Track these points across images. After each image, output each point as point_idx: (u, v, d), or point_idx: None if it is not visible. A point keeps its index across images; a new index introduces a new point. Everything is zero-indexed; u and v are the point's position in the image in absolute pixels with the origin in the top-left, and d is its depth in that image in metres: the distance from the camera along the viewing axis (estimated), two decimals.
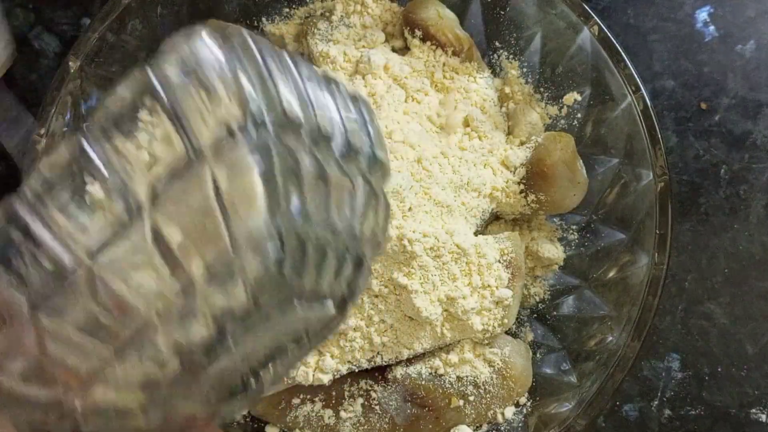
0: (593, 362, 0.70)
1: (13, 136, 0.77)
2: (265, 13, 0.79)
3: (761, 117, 0.83)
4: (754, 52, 0.84)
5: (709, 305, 0.81)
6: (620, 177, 0.72)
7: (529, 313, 0.77)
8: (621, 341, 0.68)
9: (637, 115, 0.70)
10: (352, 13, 0.76)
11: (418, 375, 0.71)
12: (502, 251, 0.70)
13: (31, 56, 0.85)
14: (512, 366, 0.71)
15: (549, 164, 0.71)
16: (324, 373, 0.69)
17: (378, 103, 0.71)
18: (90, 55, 0.72)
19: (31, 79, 0.85)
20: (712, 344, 0.81)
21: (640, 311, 0.68)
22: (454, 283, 0.68)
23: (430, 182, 0.68)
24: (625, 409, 0.80)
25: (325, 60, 0.74)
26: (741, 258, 0.82)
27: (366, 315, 0.68)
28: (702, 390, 0.80)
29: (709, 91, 0.84)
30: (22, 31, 0.85)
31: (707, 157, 0.83)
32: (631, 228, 0.71)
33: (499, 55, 0.78)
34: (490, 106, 0.75)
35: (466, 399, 0.71)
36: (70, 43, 0.84)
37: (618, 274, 0.72)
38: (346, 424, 0.71)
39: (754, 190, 0.82)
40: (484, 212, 0.73)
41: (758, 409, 0.80)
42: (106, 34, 0.72)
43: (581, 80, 0.74)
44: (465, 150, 0.72)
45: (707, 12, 0.85)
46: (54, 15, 0.85)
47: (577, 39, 0.72)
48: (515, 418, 0.72)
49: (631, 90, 0.70)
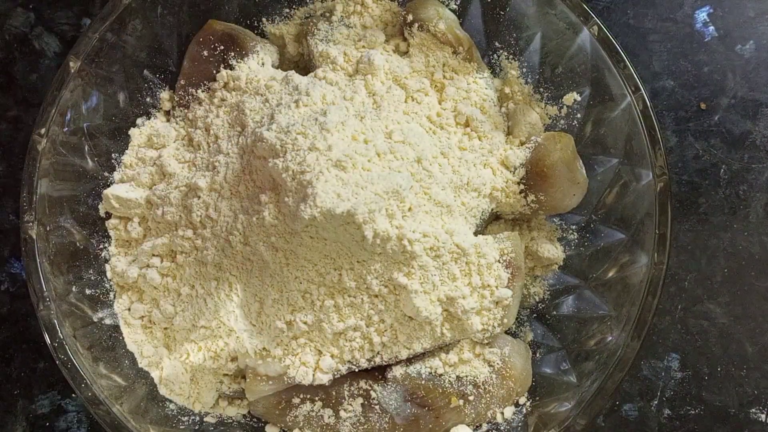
0: (593, 362, 0.70)
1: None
2: (265, 13, 0.79)
3: (761, 117, 0.83)
4: (754, 53, 0.84)
5: (708, 305, 0.81)
6: (620, 177, 0.72)
7: (528, 312, 0.77)
8: (620, 341, 0.68)
9: (637, 115, 0.70)
10: (352, 13, 0.76)
11: (418, 375, 0.71)
12: (501, 251, 0.70)
13: (31, 56, 0.85)
14: (512, 366, 0.71)
15: (549, 164, 0.72)
16: (324, 372, 0.69)
17: (378, 103, 0.71)
18: (90, 55, 0.72)
19: (31, 79, 0.85)
20: (711, 344, 0.81)
21: (639, 311, 0.68)
22: (453, 283, 0.68)
23: (430, 182, 0.69)
24: (624, 409, 0.80)
25: (325, 60, 0.74)
26: (740, 258, 0.82)
27: (366, 315, 0.68)
28: (701, 389, 0.80)
29: (708, 91, 0.84)
30: (22, 31, 0.85)
31: (707, 157, 0.83)
32: (631, 228, 0.71)
33: (499, 55, 0.78)
34: (489, 106, 0.75)
35: (466, 399, 0.71)
36: (70, 43, 0.85)
37: (618, 273, 0.72)
38: (345, 423, 0.71)
39: (753, 190, 0.83)
40: (484, 212, 0.73)
41: (758, 408, 0.80)
42: (107, 34, 0.72)
43: (581, 80, 0.74)
44: (465, 150, 0.72)
45: (707, 12, 0.85)
46: (54, 15, 0.86)
47: (576, 39, 0.72)
48: (515, 417, 0.72)
49: (631, 90, 0.70)
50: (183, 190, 0.72)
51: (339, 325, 0.68)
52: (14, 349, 0.82)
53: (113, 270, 0.74)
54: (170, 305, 0.72)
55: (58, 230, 0.71)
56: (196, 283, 0.71)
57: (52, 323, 0.68)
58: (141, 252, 0.73)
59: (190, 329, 0.71)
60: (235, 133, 0.72)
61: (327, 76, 0.73)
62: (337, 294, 0.68)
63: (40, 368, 0.81)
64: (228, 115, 0.73)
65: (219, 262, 0.70)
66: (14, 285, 0.83)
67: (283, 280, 0.68)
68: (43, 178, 0.70)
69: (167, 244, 0.72)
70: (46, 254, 0.70)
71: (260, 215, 0.66)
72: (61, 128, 0.71)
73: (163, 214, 0.72)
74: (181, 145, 0.75)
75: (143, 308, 0.73)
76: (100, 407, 0.67)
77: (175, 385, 0.72)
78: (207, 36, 0.75)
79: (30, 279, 0.69)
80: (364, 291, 0.68)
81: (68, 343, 0.68)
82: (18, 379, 0.81)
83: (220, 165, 0.70)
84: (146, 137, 0.76)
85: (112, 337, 0.73)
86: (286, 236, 0.66)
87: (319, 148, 0.64)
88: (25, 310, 0.82)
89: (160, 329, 0.73)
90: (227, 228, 0.69)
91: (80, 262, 0.73)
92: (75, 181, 0.73)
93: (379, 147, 0.66)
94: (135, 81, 0.76)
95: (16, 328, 0.82)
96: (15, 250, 0.83)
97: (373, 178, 0.64)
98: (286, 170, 0.64)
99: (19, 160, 0.83)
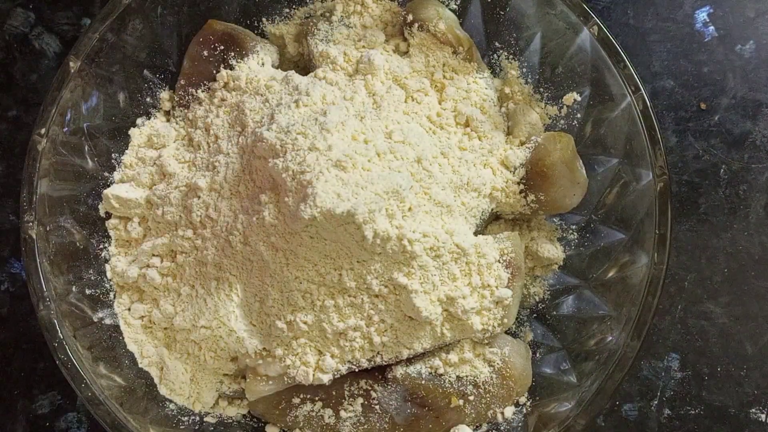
0: (593, 362, 0.70)
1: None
2: (265, 13, 0.79)
3: (761, 117, 0.83)
4: (754, 53, 0.84)
5: (708, 305, 0.81)
6: (620, 177, 0.72)
7: (528, 312, 0.77)
8: (620, 341, 0.68)
9: (637, 115, 0.70)
10: (352, 13, 0.76)
11: (418, 375, 0.71)
12: (501, 251, 0.70)
13: (31, 56, 0.85)
14: (512, 366, 0.71)
15: (548, 164, 0.72)
16: (324, 372, 0.69)
17: (378, 103, 0.71)
18: (90, 55, 0.72)
19: (31, 79, 0.85)
20: (711, 344, 0.81)
21: (639, 311, 0.68)
22: (453, 283, 0.68)
23: (430, 182, 0.69)
24: (624, 409, 0.80)
25: (325, 60, 0.74)
26: (740, 258, 0.82)
27: (366, 315, 0.68)
28: (701, 389, 0.80)
29: (708, 91, 0.84)
30: (22, 31, 0.85)
31: (707, 157, 0.83)
32: (631, 228, 0.71)
33: (499, 55, 0.78)
34: (489, 106, 0.75)
35: (466, 398, 0.71)
36: (70, 43, 0.85)
37: (617, 273, 0.72)
38: (346, 423, 0.71)
39: (753, 190, 0.83)
40: (484, 212, 0.73)
41: (758, 408, 0.80)
42: (107, 35, 0.72)
43: (581, 80, 0.74)
44: (465, 150, 0.72)
45: (707, 12, 0.85)
46: (54, 15, 0.86)
47: (576, 39, 0.72)
48: (515, 417, 0.72)
49: (631, 90, 0.70)
50: (183, 190, 0.72)
51: (339, 325, 0.68)
52: (14, 349, 0.82)
53: (113, 270, 0.74)
54: (170, 305, 0.72)
55: (58, 230, 0.71)
56: (197, 282, 0.71)
57: (51, 323, 0.68)
58: (141, 252, 0.73)
59: (190, 329, 0.71)
60: (235, 133, 0.72)
61: (327, 76, 0.73)
62: (337, 294, 0.68)
63: (40, 368, 0.81)
64: (228, 115, 0.73)
65: (219, 262, 0.70)
66: (14, 285, 0.83)
67: (284, 280, 0.68)
68: (43, 178, 0.70)
69: (167, 244, 0.72)
70: (46, 254, 0.70)
71: (260, 215, 0.66)
72: (61, 128, 0.71)
73: (163, 214, 0.72)
74: (181, 145, 0.75)
75: (143, 308, 0.73)
76: (100, 407, 0.67)
77: (175, 385, 0.72)
78: (207, 36, 0.75)
79: (30, 279, 0.69)
80: (364, 291, 0.68)
81: (68, 343, 0.68)
82: (18, 379, 0.81)
83: (220, 165, 0.70)
84: (146, 137, 0.76)
85: (112, 337, 0.73)
86: (286, 236, 0.66)
87: (319, 148, 0.64)
88: (25, 310, 0.82)
89: (160, 329, 0.73)
90: (227, 228, 0.69)
91: (80, 262, 0.73)
92: (75, 181, 0.73)
93: (379, 147, 0.66)
94: (135, 81, 0.76)
95: (16, 328, 0.82)
96: (15, 250, 0.83)
97: (373, 178, 0.64)
98: (286, 170, 0.64)
99: (19, 160, 0.83)
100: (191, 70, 0.76)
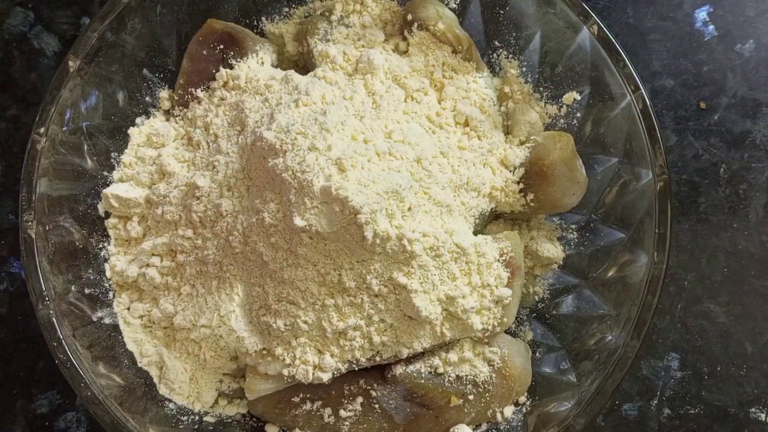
0: (592, 361, 0.70)
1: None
2: (264, 12, 0.79)
3: (760, 116, 0.83)
4: (754, 52, 0.84)
5: (708, 304, 0.81)
6: (620, 176, 0.72)
7: (528, 312, 0.77)
8: (620, 340, 0.68)
9: (637, 114, 0.70)
10: (351, 12, 0.76)
11: (418, 374, 0.71)
12: (501, 250, 0.70)
13: (31, 56, 0.85)
14: (512, 365, 0.71)
15: (548, 163, 0.71)
16: (324, 371, 0.69)
17: (377, 102, 0.71)
18: (89, 54, 0.72)
19: (31, 79, 0.85)
20: (711, 343, 0.81)
21: (639, 310, 0.68)
22: (453, 283, 0.68)
23: (429, 182, 0.69)
24: (624, 408, 0.80)
25: (324, 59, 0.74)
26: (740, 257, 0.82)
27: (366, 314, 0.68)
28: (701, 389, 0.80)
29: (708, 91, 0.84)
30: (22, 31, 0.85)
31: (706, 157, 0.83)
32: (631, 227, 0.71)
33: (499, 54, 0.78)
34: (489, 106, 0.75)
35: (466, 398, 0.71)
36: (70, 43, 0.84)
37: (617, 273, 0.72)
38: (345, 422, 0.71)
39: (753, 190, 0.83)
40: (484, 212, 0.73)
41: (757, 408, 0.80)
42: (106, 34, 0.72)
43: (580, 79, 0.74)
44: (464, 150, 0.72)
45: (706, 11, 0.85)
46: (54, 15, 0.85)
47: (576, 38, 0.72)
48: (515, 417, 0.72)
49: (631, 89, 0.70)
50: (183, 189, 0.71)
51: (339, 324, 0.68)
52: (14, 349, 0.82)
53: (113, 269, 0.74)
54: (170, 304, 0.71)
55: (57, 229, 0.71)
56: (197, 282, 0.71)
57: (51, 322, 0.68)
58: (141, 251, 0.73)
59: (191, 328, 0.71)
60: (234, 132, 0.72)
61: (326, 75, 0.73)
62: (337, 294, 0.68)
63: (39, 368, 0.81)
64: (227, 115, 0.73)
65: (219, 262, 0.70)
66: (13, 285, 0.83)
67: (284, 280, 0.68)
68: (42, 178, 0.70)
69: (167, 244, 0.72)
70: (45, 253, 0.70)
71: (260, 215, 0.66)
72: (61, 127, 0.71)
73: (162, 214, 0.72)
74: (181, 145, 0.75)
75: (143, 307, 0.73)
76: (100, 407, 0.67)
77: (174, 384, 0.72)
78: (206, 35, 0.75)
79: (29, 278, 0.69)
80: (364, 291, 0.67)
81: (67, 342, 0.68)
82: (17, 379, 0.81)
83: (220, 164, 0.70)
84: (146, 136, 0.76)
85: (112, 337, 0.72)
86: (286, 236, 0.66)
87: (318, 148, 0.64)
88: (25, 309, 0.82)
89: (159, 328, 0.73)
90: (227, 228, 0.69)
91: (79, 261, 0.73)
92: (74, 181, 0.73)
93: (379, 147, 0.66)
94: (134, 80, 0.76)
95: (15, 328, 0.82)
96: (14, 250, 0.83)
97: (373, 178, 0.64)
98: (286, 170, 0.64)
99: (18, 160, 0.83)
100: (191, 70, 0.76)
